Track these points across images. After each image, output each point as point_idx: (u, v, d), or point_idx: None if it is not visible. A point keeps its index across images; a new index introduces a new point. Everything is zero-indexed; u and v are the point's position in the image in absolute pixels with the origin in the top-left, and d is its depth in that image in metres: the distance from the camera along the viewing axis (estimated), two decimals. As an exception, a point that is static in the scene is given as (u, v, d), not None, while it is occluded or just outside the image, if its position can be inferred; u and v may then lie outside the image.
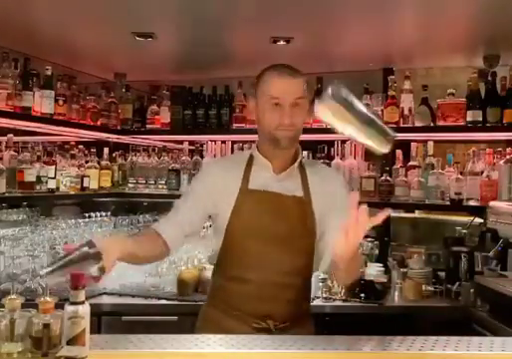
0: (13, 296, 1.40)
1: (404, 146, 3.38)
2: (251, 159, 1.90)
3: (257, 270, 1.80)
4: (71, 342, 1.35)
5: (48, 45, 3.21)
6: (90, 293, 2.56)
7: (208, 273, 2.84)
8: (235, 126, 3.57)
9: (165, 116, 3.75)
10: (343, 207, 1.63)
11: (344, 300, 2.82)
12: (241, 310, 1.82)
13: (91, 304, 1.40)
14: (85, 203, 3.98)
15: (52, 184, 3.06)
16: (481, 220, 3.08)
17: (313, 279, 2.87)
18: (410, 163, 3.30)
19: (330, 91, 1.57)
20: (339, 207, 1.75)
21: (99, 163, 3.60)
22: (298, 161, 1.89)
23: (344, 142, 3.41)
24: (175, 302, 2.74)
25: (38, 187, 2.98)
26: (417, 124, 3.25)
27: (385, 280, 2.91)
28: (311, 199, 1.86)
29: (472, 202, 3.09)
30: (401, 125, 3.27)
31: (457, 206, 3.15)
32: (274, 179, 1.85)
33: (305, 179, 1.89)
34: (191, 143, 3.76)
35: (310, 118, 1.87)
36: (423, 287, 2.93)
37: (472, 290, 2.73)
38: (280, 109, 1.78)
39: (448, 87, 3.22)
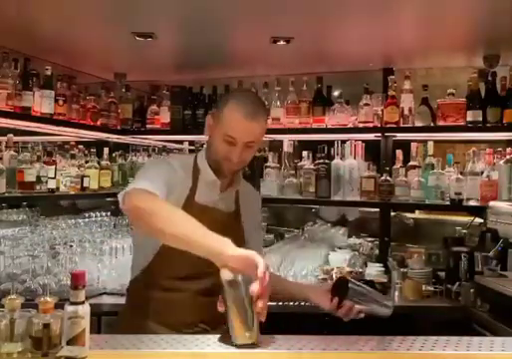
0: (13, 296, 1.40)
1: (404, 146, 3.38)
2: (197, 168, 1.89)
3: (192, 280, 1.82)
4: (71, 342, 1.35)
5: (48, 45, 3.21)
6: (90, 293, 2.56)
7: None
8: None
9: (165, 116, 3.75)
10: (259, 225, 2.15)
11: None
12: (173, 319, 1.81)
13: (91, 304, 1.40)
14: (85, 203, 3.98)
15: (52, 184, 3.06)
16: (481, 220, 3.08)
17: (313, 279, 2.91)
18: (410, 163, 3.30)
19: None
20: (257, 225, 2.09)
21: (99, 163, 3.60)
22: (240, 180, 1.96)
23: (344, 142, 3.41)
24: (175, 302, 2.74)
25: (38, 187, 2.98)
26: (417, 124, 3.25)
27: (386, 280, 2.91)
28: (240, 215, 1.96)
29: (472, 202, 3.09)
30: (401, 125, 3.27)
31: (457, 206, 3.14)
32: (217, 196, 1.90)
33: (237, 195, 1.97)
34: (191, 143, 3.76)
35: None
36: (423, 287, 2.92)
37: (472, 290, 2.73)
38: (232, 146, 1.78)
39: (448, 87, 3.22)
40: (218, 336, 1.62)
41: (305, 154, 3.50)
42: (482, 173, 3.11)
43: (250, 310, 1.49)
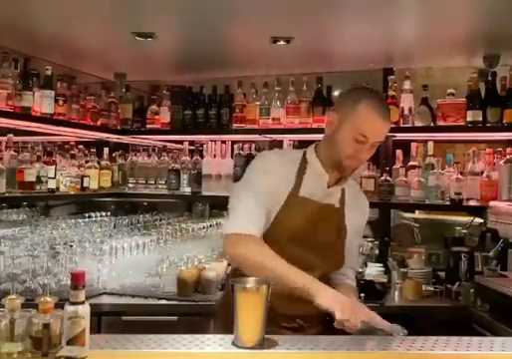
0: (13, 296, 1.40)
1: (404, 146, 3.38)
2: (304, 160, 1.89)
3: None
4: (71, 342, 1.35)
5: (48, 45, 3.21)
6: (90, 293, 2.56)
7: (208, 273, 2.86)
8: (235, 126, 3.57)
9: (165, 116, 3.75)
10: (362, 228, 2.06)
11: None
12: (273, 309, 1.75)
13: (91, 304, 1.40)
14: (85, 203, 3.98)
15: (52, 184, 3.06)
16: (481, 220, 3.08)
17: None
18: (410, 163, 3.30)
19: None
20: (360, 228, 2.03)
21: (99, 163, 3.60)
22: (348, 180, 1.92)
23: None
24: (175, 302, 2.74)
25: (38, 187, 2.98)
26: (417, 124, 3.25)
27: (386, 280, 2.91)
28: (345, 213, 1.93)
29: (472, 202, 3.09)
30: (401, 125, 3.27)
31: (457, 206, 3.14)
32: (324, 191, 1.88)
33: (343, 192, 1.93)
34: (191, 143, 3.76)
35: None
36: (423, 287, 2.93)
37: (472, 290, 2.73)
38: (362, 145, 1.78)
39: (448, 87, 3.22)
40: (218, 336, 1.63)
41: (305, 154, 3.49)
42: (482, 173, 3.11)
43: (265, 317, 1.52)
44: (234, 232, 1.75)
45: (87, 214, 3.42)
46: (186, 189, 3.60)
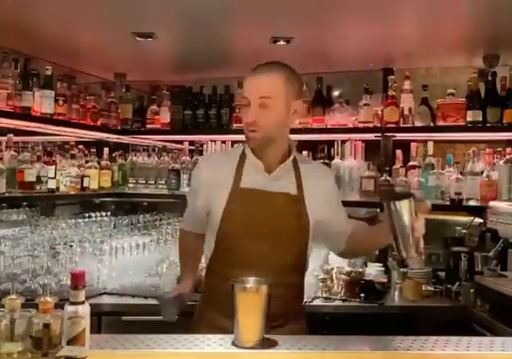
0: (13, 296, 1.40)
1: (404, 146, 3.38)
2: (243, 155, 1.90)
3: (250, 269, 1.76)
4: (71, 342, 1.35)
5: (48, 45, 3.21)
6: (90, 293, 2.56)
7: (208, 273, 2.86)
8: (235, 126, 3.57)
9: (165, 116, 3.75)
10: (337, 202, 2.01)
11: (344, 300, 2.82)
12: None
13: (91, 304, 1.40)
14: (85, 203, 3.98)
15: (52, 184, 3.06)
16: (481, 220, 3.08)
17: (313, 279, 2.90)
18: (410, 163, 3.30)
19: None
20: (334, 202, 1.98)
21: (99, 163, 3.60)
22: (290, 159, 1.88)
23: (344, 142, 3.41)
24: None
25: (38, 187, 2.98)
26: (417, 124, 3.25)
27: (386, 280, 2.91)
28: (303, 196, 1.87)
29: (472, 202, 3.09)
30: (401, 125, 3.27)
31: (457, 206, 3.14)
32: (266, 178, 1.85)
33: (298, 175, 1.89)
34: (191, 143, 3.76)
35: (293, 118, 1.87)
36: (423, 287, 2.92)
37: (472, 290, 2.73)
38: (248, 107, 1.79)
39: (448, 87, 3.22)
40: (218, 336, 1.63)
41: (305, 154, 3.49)
42: (482, 173, 3.11)
43: (265, 317, 1.52)
44: (181, 228, 2.20)
45: (87, 214, 3.42)
46: (186, 189, 3.60)
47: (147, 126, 3.82)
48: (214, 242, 1.87)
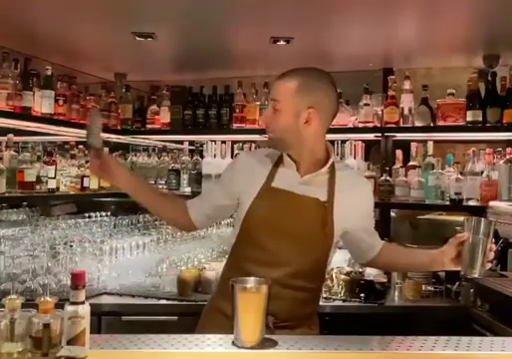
0: (13, 296, 1.40)
1: (404, 146, 3.38)
2: (281, 157, 1.92)
3: (268, 267, 1.79)
4: (71, 342, 1.35)
5: (48, 45, 3.21)
6: (90, 293, 2.56)
7: (208, 273, 2.86)
8: (235, 126, 3.57)
9: (165, 116, 3.75)
10: (369, 213, 2.00)
11: (344, 300, 2.82)
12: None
13: (91, 304, 1.40)
14: (85, 203, 3.98)
15: (52, 184, 3.06)
16: (481, 220, 3.07)
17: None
18: (410, 163, 3.30)
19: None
20: (365, 213, 1.97)
21: (99, 163, 3.59)
22: (326, 166, 1.87)
23: (344, 142, 3.41)
24: (175, 302, 2.74)
25: (38, 187, 2.98)
26: (417, 124, 3.25)
27: (385, 280, 2.91)
28: (333, 204, 1.85)
29: (472, 202, 3.09)
30: (401, 125, 3.27)
31: (457, 206, 3.14)
32: (298, 181, 1.86)
33: (332, 183, 1.88)
34: (191, 143, 3.76)
35: (305, 127, 1.84)
36: (423, 287, 2.92)
37: (472, 290, 2.73)
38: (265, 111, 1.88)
39: (448, 87, 3.22)
40: (218, 336, 1.63)
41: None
42: (482, 173, 3.11)
43: (265, 317, 1.53)
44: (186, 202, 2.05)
45: (87, 214, 3.42)
46: (186, 189, 3.60)
47: (147, 126, 3.82)
48: (237, 235, 1.90)
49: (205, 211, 1.97)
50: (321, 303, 2.77)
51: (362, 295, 2.81)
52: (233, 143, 3.61)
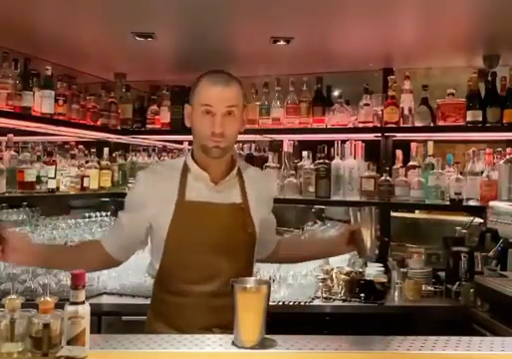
0: (13, 296, 1.40)
1: (404, 146, 3.38)
2: (186, 168, 1.86)
3: (201, 283, 1.77)
4: (71, 342, 1.35)
5: (48, 45, 3.21)
6: (90, 293, 2.56)
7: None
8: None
9: (165, 116, 3.75)
10: (270, 207, 2.02)
11: (344, 300, 2.82)
12: (186, 323, 1.76)
13: (91, 304, 1.40)
14: (85, 203, 3.98)
15: (52, 184, 3.06)
16: (481, 220, 3.08)
17: (313, 279, 2.91)
18: (410, 163, 3.30)
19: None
20: (270, 207, 2.01)
21: (99, 163, 3.60)
22: (235, 169, 1.87)
23: (344, 142, 3.41)
24: (175, 302, 2.74)
25: (38, 187, 2.98)
26: (417, 124, 3.25)
27: (386, 280, 2.91)
28: (249, 206, 1.86)
29: (472, 202, 3.09)
30: (401, 125, 3.27)
31: (457, 206, 3.14)
32: (212, 190, 1.83)
33: (242, 185, 1.89)
34: (191, 143, 3.75)
35: (243, 126, 1.89)
36: (423, 287, 2.93)
37: (472, 290, 2.73)
38: (212, 118, 1.76)
39: (448, 87, 3.22)
40: (218, 336, 1.63)
41: (305, 154, 3.50)
42: (482, 173, 3.11)
43: (265, 317, 1.53)
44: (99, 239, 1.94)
45: (87, 214, 3.42)
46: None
47: (147, 126, 3.82)
48: (161, 256, 1.82)
49: (120, 243, 1.86)
50: (321, 303, 2.79)
51: (362, 295, 2.82)
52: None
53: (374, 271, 2.95)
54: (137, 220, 1.84)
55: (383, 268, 3.02)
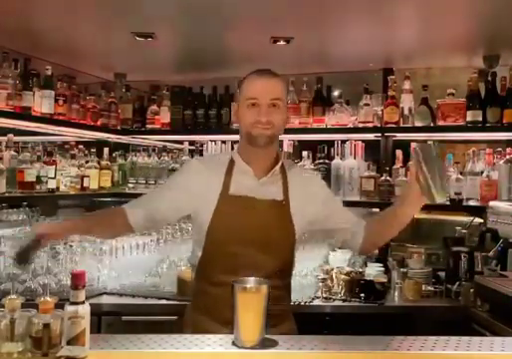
0: (13, 296, 1.40)
1: (404, 146, 3.38)
2: (232, 162, 1.92)
3: (238, 274, 1.76)
4: (71, 342, 1.35)
5: (48, 45, 3.21)
6: (90, 293, 2.56)
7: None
8: (235, 126, 3.57)
9: (165, 116, 3.75)
10: (329, 199, 2.03)
11: (344, 300, 2.82)
12: (223, 314, 1.74)
13: (91, 304, 1.40)
14: (85, 203, 3.98)
15: (52, 184, 3.06)
16: (481, 220, 3.08)
17: (313, 279, 2.90)
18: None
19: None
20: (326, 200, 2.00)
21: (99, 163, 3.60)
22: (279, 164, 1.92)
23: (344, 142, 3.41)
24: (175, 302, 2.74)
25: (38, 187, 2.98)
26: (417, 124, 3.25)
27: (386, 280, 2.91)
28: (289, 202, 1.90)
29: (472, 202, 3.09)
30: (401, 125, 3.27)
31: (457, 206, 3.14)
32: (255, 185, 1.88)
33: (285, 181, 1.93)
34: (191, 143, 3.76)
35: (287, 122, 1.96)
36: (423, 287, 2.92)
37: (472, 290, 2.73)
38: (257, 109, 1.83)
39: (448, 87, 3.22)
40: (218, 336, 1.63)
41: (305, 154, 3.49)
42: (482, 173, 3.11)
43: (265, 317, 1.53)
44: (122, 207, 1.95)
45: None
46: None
47: (147, 126, 3.83)
48: (203, 247, 1.88)
49: (147, 218, 1.89)
50: (321, 303, 2.79)
51: (362, 295, 2.81)
52: (233, 143, 3.61)
53: (374, 271, 2.95)
54: (178, 203, 1.91)
55: (383, 268, 3.02)
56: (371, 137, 3.49)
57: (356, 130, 3.41)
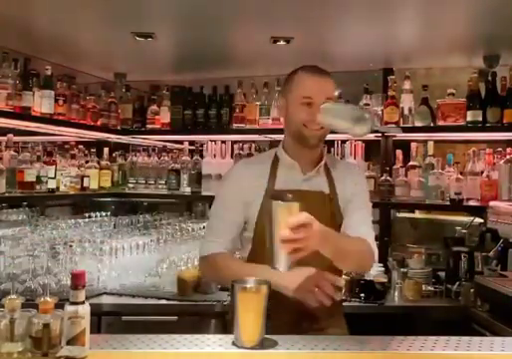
0: (13, 296, 1.40)
1: (404, 146, 3.38)
2: (276, 158, 1.93)
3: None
4: (71, 342, 1.35)
5: (48, 45, 3.21)
6: (90, 293, 2.56)
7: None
8: (235, 126, 3.57)
9: (165, 116, 3.75)
10: (355, 198, 1.92)
11: (344, 300, 2.82)
12: (277, 313, 1.68)
13: (91, 304, 1.40)
14: (85, 203, 3.98)
15: (52, 184, 3.06)
16: (481, 220, 3.08)
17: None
18: (410, 163, 3.30)
19: None
20: (358, 198, 1.93)
21: (99, 163, 3.60)
22: (323, 162, 1.92)
23: (344, 142, 3.41)
24: (175, 302, 2.74)
25: (38, 187, 2.98)
26: (417, 124, 3.25)
27: (386, 280, 2.91)
28: (337, 195, 1.90)
29: (472, 202, 3.09)
30: (401, 125, 3.27)
31: (457, 206, 3.15)
32: (301, 179, 1.89)
33: (329, 176, 1.93)
34: (191, 143, 3.76)
35: None
36: (423, 287, 2.92)
37: (472, 290, 2.73)
38: (311, 108, 1.81)
39: (448, 87, 3.22)
40: (218, 336, 1.63)
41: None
42: (482, 173, 3.11)
43: (265, 317, 1.53)
44: (203, 255, 1.92)
45: (87, 214, 3.42)
46: (186, 189, 3.60)
47: (147, 126, 3.82)
48: (251, 244, 1.89)
49: (233, 238, 1.91)
50: (321, 303, 2.79)
51: (362, 295, 2.81)
52: (233, 143, 3.61)
53: (374, 271, 2.95)
54: (239, 218, 1.89)
55: (383, 268, 3.02)
56: (371, 137, 3.48)
57: (356, 130, 3.40)
